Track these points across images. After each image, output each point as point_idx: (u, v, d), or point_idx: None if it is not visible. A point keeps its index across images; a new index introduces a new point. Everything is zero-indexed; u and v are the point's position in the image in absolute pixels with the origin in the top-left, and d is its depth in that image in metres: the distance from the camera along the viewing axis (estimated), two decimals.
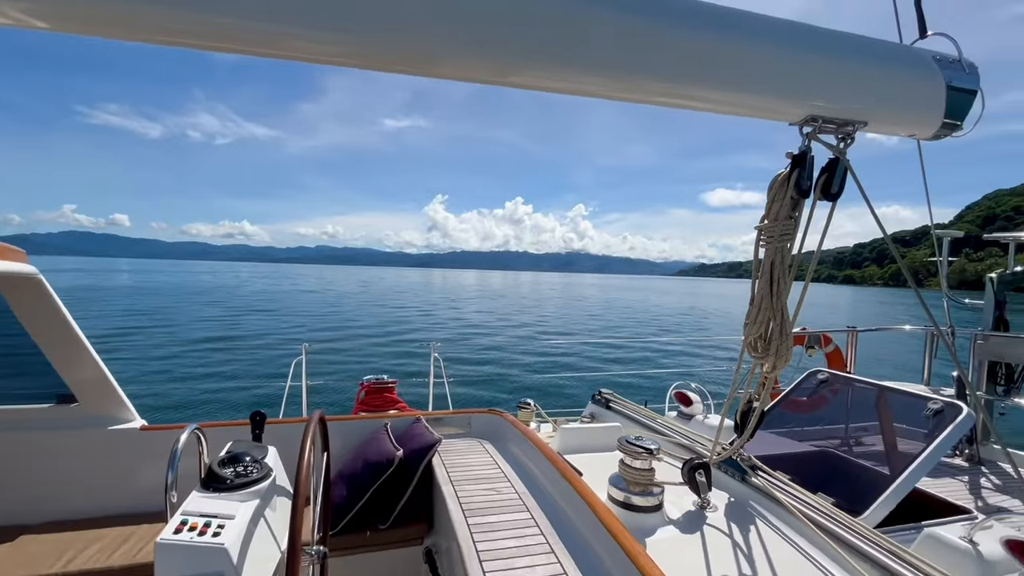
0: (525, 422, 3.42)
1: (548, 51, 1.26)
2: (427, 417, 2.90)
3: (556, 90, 1.42)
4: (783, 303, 1.85)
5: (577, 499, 1.83)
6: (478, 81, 1.35)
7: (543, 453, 2.24)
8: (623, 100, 1.52)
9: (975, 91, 1.78)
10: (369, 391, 3.59)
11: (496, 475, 2.35)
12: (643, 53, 1.36)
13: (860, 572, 1.51)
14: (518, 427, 2.67)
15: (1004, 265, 4.83)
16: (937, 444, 2.30)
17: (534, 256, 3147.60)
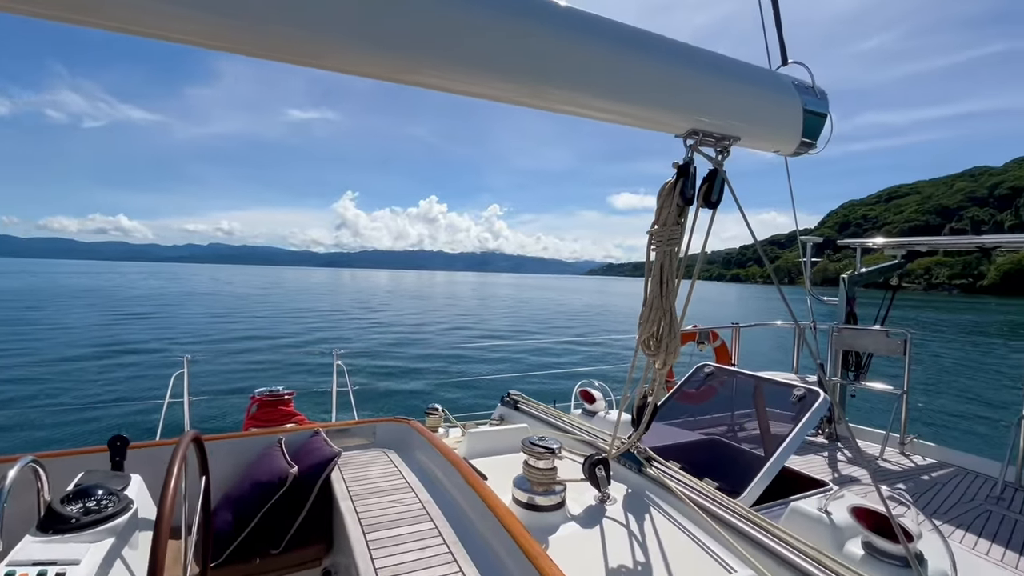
0: (433, 428, 3.35)
1: (440, 50, 1.24)
2: (327, 429, 2.74)
3: (449, 90, 1.40)
4: (672, 303, 1.97)
5: (481, 504, 1.81)
6: (370, 76, 1.30)
7: (448, 459, 2.20)
8: (517, 104, 1.53)
9: (826, 115, 2.02)
10: (262, 405, 3.31)
11: (400, 486, 2.27)
12: (537, 59, 1.37)
13: (738, 548, 1.65)
14: (424, 434, 2.60)
15: (855, 267, 5.60)
16: (799, 427, 2.58)
17: (449, 256, 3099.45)
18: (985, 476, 4.20)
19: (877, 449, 4.74)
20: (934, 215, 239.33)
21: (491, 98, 1.47)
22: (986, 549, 3.01)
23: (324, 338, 22.32)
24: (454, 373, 14.83)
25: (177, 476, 1.20)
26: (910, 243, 5.39)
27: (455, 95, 1.46)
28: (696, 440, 3.02)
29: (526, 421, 3.09)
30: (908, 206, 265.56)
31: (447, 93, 1.45)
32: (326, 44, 1.12)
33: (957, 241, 5.28)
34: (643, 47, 1.57)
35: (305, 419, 3.41)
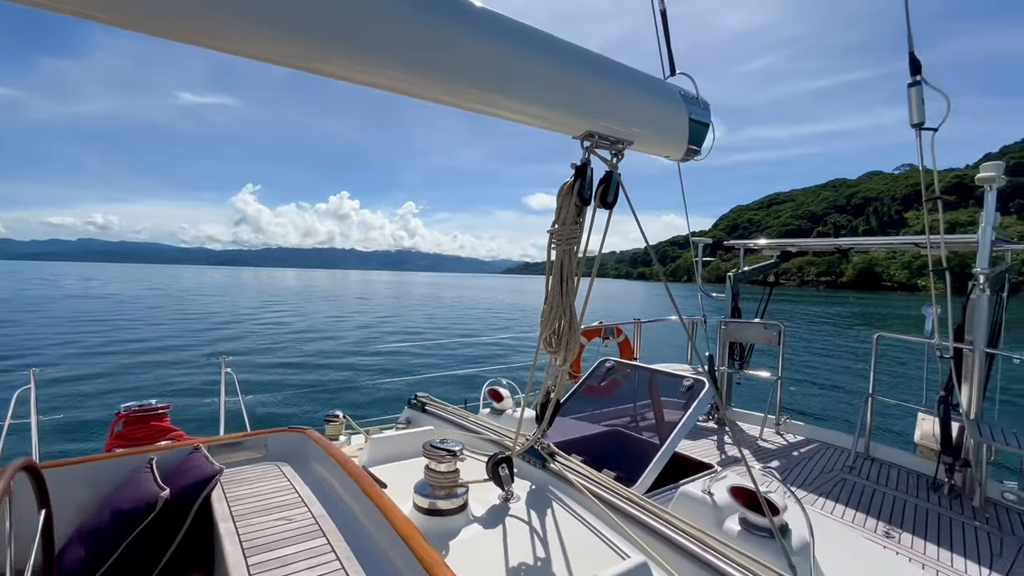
0: (333, 436, 3.17)
1: (338, 38, 1.17)
2: (209, 444, 2.48)
3: (345, 78, 1.34)
4: (571, 301, 2.01)
5: (377, 515, 1.73)
6: (266, 60, 1.21)
7: (345, 469, 2.08)
8: (416, 97, 1.49)
9: (708, 124, 2.17)
10: (129, 422, 2.91)
11: (291, 501, 2.11)
12: (437, 52, 1.35)
13: (631, 535, 1.72)
14: (321, 444, 2.45)
15: (739, 266, 6.17)
16: (688, 416, 2.78)
17: (362, 254, 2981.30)
18: (842, 449, 4.81)
19: (757, 430, 5.26)
20: (805, 220, 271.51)
21: (390, 89, 1.42)
22: (841, 513, 3.45)
23: (216, 344, 20.14)
24: (362, 376, 14.21)
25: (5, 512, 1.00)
26: (782, 244, 6.05)
27: (354, 85, 1.40)
28: (599, 432, 3.14)
29: (433, 423, 3.02)
30: (785, 212, 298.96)
31: (343, 82, 1.38)
32: (213, 20, 1.01)
33: (819, 243, 6.02)
34: (543, 49, 1.59)
35: (184, 435, 3.07)
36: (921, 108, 3.31)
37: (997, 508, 3.70)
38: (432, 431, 2.79)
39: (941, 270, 3.77)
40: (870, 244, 5.97)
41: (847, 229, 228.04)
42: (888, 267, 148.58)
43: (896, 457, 4.53)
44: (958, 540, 3.25)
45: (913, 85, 3.29)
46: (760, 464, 4.36)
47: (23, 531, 1.36)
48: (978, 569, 2.95)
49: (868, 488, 3.93)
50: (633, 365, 3.73)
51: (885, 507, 3.62)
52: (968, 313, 3.98)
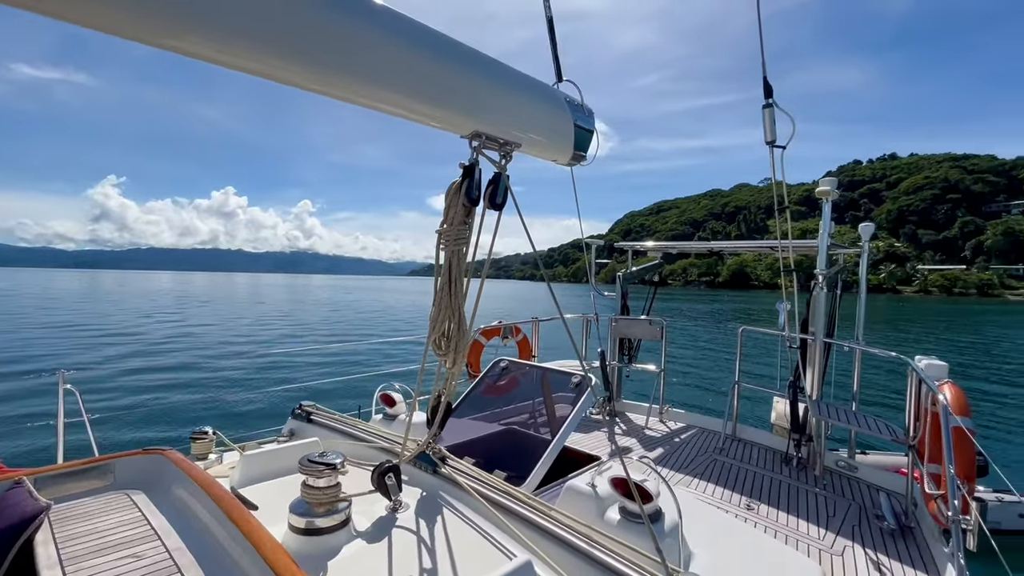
0: (201, 456, 2.84)
1: (206, 16, 1.08)
2: (37, 476, 2.09)
3: (219, 62, 1.24)
4: (460, 303, 1.99)
5: (243, 541, 1.56)
6: (112, 33, 1.06)
7: (207, 492, 1.87)
8: (296, 86, 1.41)
9: (592, 131, 2.27)
10: None
11: (141, 535, 1.84)
12: (318, 41, 1.28)
13: (518, 534, 1.74)
14: (182, 466, 2.17)
15: (628, 267, 6.59)
16: (574, 413, 2.89)
17: (252, 255, 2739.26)
18: (715, 432, 5.33)
19: (644, 420, 5.65)
20: (688, 226, 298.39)
21: (264, 76, 1.33)
22: (712, 492, 3.81)
23: (53, 358, 16.89)
24: (243, 387, 12.86)
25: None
26: (663, 247, 6.58)
27: (225, 69, 1.27)
28: (492, 433, 3.15)
29: (319, 434, 2.83)
30: (671, 218, 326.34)
31: (217, 65, 1.25)
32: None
33: (693, 246, 6.65)
34: (429, 44, 1.56)
35: (3, 467, 2.56)
36: (773, 127, 3.77)
37: (832, 475, 4.33)
38: (316, 443, 2.61)
39: (790, 271, 4.33)
40: (734, 247, 6.70)
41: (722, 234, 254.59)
42: (755, 268, 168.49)
43: (757, 436, 5.13)
44: (803, 506, 3.74)
45: (766, 107, 3.73)
46: (643, 453, 4.69)
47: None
48: (816, 529, 3.42)
49: (735, 466, 4.39)
50: (525, 364, 3.82)
51: (747, 482, 4.07)
52: (811, 308, 4.61)
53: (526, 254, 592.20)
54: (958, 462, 2.78)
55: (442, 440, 2.32)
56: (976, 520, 2.53)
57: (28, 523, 1.77)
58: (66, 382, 3.45)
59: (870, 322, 5.24)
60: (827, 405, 4.42)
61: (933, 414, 3.26)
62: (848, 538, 3.33)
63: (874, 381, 14.24)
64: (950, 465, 2.65)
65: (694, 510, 2.19)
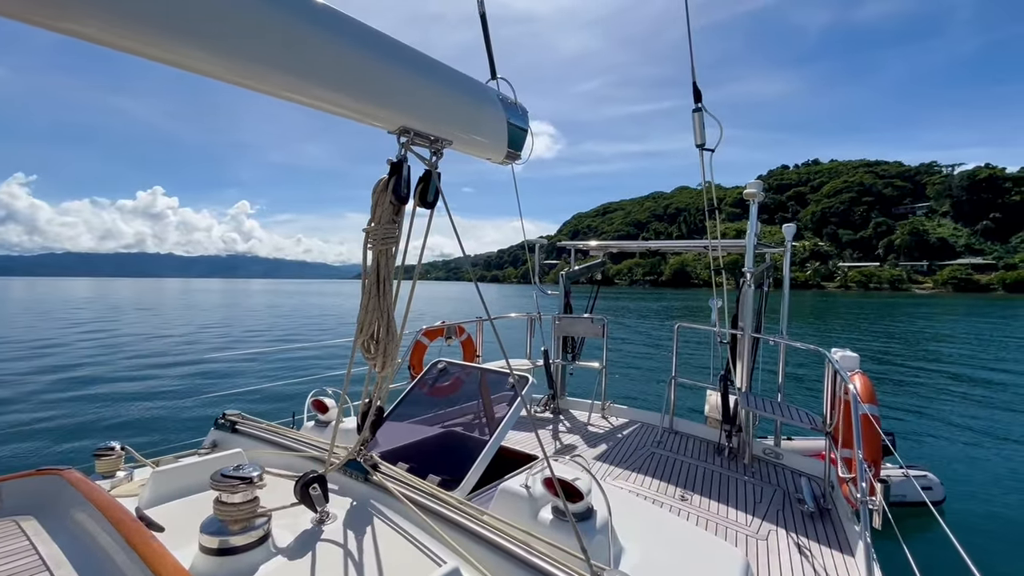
0: (108, 473, 2.60)
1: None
2: None
3: (116, 47, 1.13)
4: (389, 305, 1.92)
5: (145, 568, 1.43)
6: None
7: (107, 516, 1.70)
8: (211, 77, 1.32)
9: (526, 129, 2.27)
10: None
11: (27, 567, 1.66)
12: (242, 32, 1.23)
13: (449, 541, 1.70)
14: (80, 487, 1.97)
15: (570, 266, 6.68)
16: (510, 413, 2.88)
17: (184, 259, 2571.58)
18: (653, 426, 5.50)
19: (587, 416, 5.74)
20: (632, 227, 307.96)
21: (175, 65, 1.23)
22: (648, 484, 3.92)
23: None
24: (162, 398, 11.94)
25: None
26: (605, 246, 6.73)
27: (136, 57, 1.19)
28: (430, 436, 3.09)
29: (244, 444, 2.66)
30: (617, 219, 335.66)
31: (124, 52, 1.15)
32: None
33: (632, 245, 6.84)
34: (351, 34, 1.50)
35: None
36: (702, 131, 3.94)
37: (760, 463, 4.58)
38: (240, 454, 2.46)
39: (720, 269, 4.54)
40: (670, 247, 6.96)
41: (664, 235, 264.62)
42: (695, 267, 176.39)
43: (692, 429, 5.34)
44: (733, 494, 3.93)
45: (696, 111, 3.89)
46: (584, 449, 4.77)
47: None
48: (745, 516, 3.59)
49: (670, 458, 4.55)
50: (465, 365, 3.78)
51: (682, 474, 4.23)
52: (740, 304, 4.86)
53: (476, 255, 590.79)
54: (866, 447, 3.00)
55: (377, 446, 2.25)
56: (880, 501, 2.74)
57: None
58: None
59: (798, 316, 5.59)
60: (755, 396, 4.67)
61: (845, 402, 3.50)
62: (773, 523, 3.52)
63: (798, 372, 15.24)
64: (859, 450, 2.85)
65: (626, 506, 2.23)
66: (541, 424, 5.37)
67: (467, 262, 1.83)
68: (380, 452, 2.28)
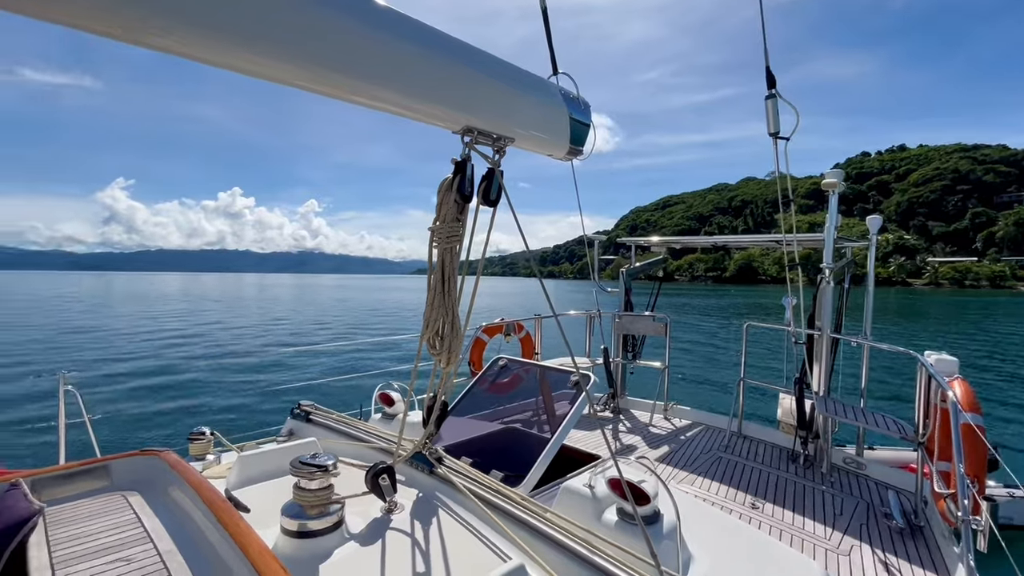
0: (199, 456, 2.84)
1: (191, 13, 1.07)
2: (35, 477, 2.09)
3: (198, 59, 1.21)
4: (454, 301, 1.95)
5: (233, 545, 1.54)
6: (90, 32, 1.04)
7: (199, 494, 1.85)
8: (287, 84, 1.39)
9: (589, 124, 2.22)
10: None
11: (134, 538, 1.83)
12: (308, 39, 1.26)
13: (513, 536, 1.70)
14: (177, 467, 2.16)
15: (631, 262, 6.53)
16: (572, 412, 2.85)
17: (259, 256, 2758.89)
18: (720, 429, 5.27)
19: (648, 417, 5.59)
20: (694, 221, 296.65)
21: (252, 75, 1.30)
22: (716, 490, 3.76)
23: (56, 361, 16.98)
24: (246, 387, 12.86)
25: None
26: (667, 241, 6.50)
27: (217, 68, 1.27)
28: (491, 431, 3.12)
29: (317, 434, 2.81)
30: (677, 213, 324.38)
31: (204, 64, 1.23)
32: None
33: (697, 240, 6.56)
34: (419, 40, 1.53)
35: (2, 470, 2.56)
36: (776, 119, 3.70)
37: (839, 472, 4.27)
38: (314, 443, 2.60)
39: (795, 265, 4.26)
40: (740, 242, 6.61)
41: (729, 229, 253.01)
42: (763, 263, 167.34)
43: (763, 434, 5.06)
44: (809, 504, 3.69)
45: (769, 98, 3.65)
46: (646, 451, 4.64)
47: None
48: (823, 528, 3.36)
49: (739, 464, 4.34)
50: (525, 362, 3.78)
51: (752, 481, 4.02)
52: (817, 303, 4.54)
53: (531, 251, 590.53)
54: (968, 460, 2.72)
55: (440, 440, 2.30)
56: (987, 521, 2.47)
57: (22, 526, 1.76)
58: (67, 383, 3.46)
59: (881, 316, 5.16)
60: (834, 401, 4.36)
61: (943, 411, 3.19)
62: (855, 537, 3.27)
63: (883, 377, 14.07)
64: (960, 464, 2.59)
65: (695, 511, 2.15)
66: (601, 424, 5.29)
67: (531, 260, 1.82)
68: (443, 446, 2.33)
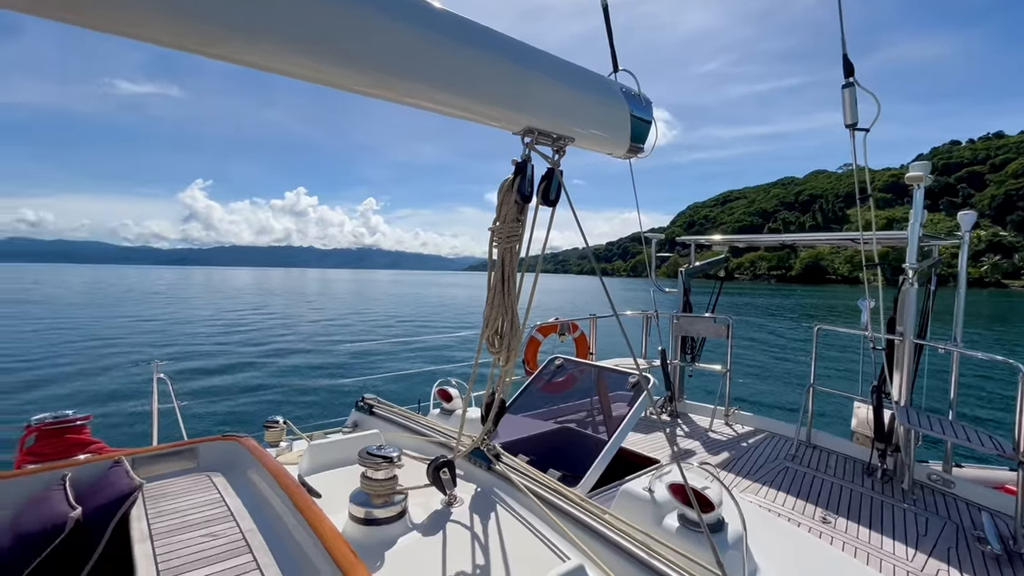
0: (273, 443, 3.03)
1: (254, 24, 1.11)
2: (134, 456, 2.31)
3: (270, 70, 1.27)
4: (513, 301, 1.97)
5: (307, 528, 1.64)
6: (171, 47, 1.12)
7: (276, 479, 1.98)
8: (352, 91, 1.43)
9: (650, 121, 2.17)
10: (42, 435, 2.68)
11: (219, 516, 1.99)
12: (371, 46, 1.30)
13: (571, 536, 1.71)
14: (255, 452, 2.32)
15: (691, 261, 6.32)
16: (632, 413, 2.80)
17: (321, 252, 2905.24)
18: (786, 437, 5.00)
19: (707, 422, 5.40)
20: (757, 216, 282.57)
21: (315, 81, 1.36)
22: (782, 501, 3.57)
23: (149, 348, 18.80)
24: (313, 378, 13.68)
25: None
26: (730, 240, 6.24)
27: (285, 77, 1.32)
28: (547, 431, 3.13)
29: (380, 426, 2.93)
30: (738, 208, 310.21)
31: (270, 72, 1.30)
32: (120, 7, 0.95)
33: (764, 239, 6.24)
34: (480, 43, 1.54)
35: (106, 447, 2.85)
36: (854, 109, 3.44)
37: (923, 490, 3.94)
38: (377, 435, 2.71)
39: (873, 265, 3.96)
40: (811, 240, 6.23)
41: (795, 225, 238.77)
42: (832, 261, 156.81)
43: (835, 444, 4.75)
44: (888, 522, 3.43)
45: (847, 87, 3.41)
46: (707, 457, 4.48)
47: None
48: (905, 549, 3.12)
49: (808, 475, 4.10)
50: (582, 362, 3.75)
51: (823, 493, 3.79)
52: (899, 305, 4.20)
53: (582, 248, 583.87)
54: None
55: (497, 437, 2.33)
56: None
57: (125, 499, 1.96)
58: (159, 371, 3.80)
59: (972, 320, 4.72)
60: (918, 413, 4.02)
61: None
62: (943, 560, 3.01)
63: (974, 387, 12.83)
64: None
65: (761, 521, 2.06)
66: (657, 427, 5.16)
67: (591, 259, 1.81)
68: (500, 443, 2.37)
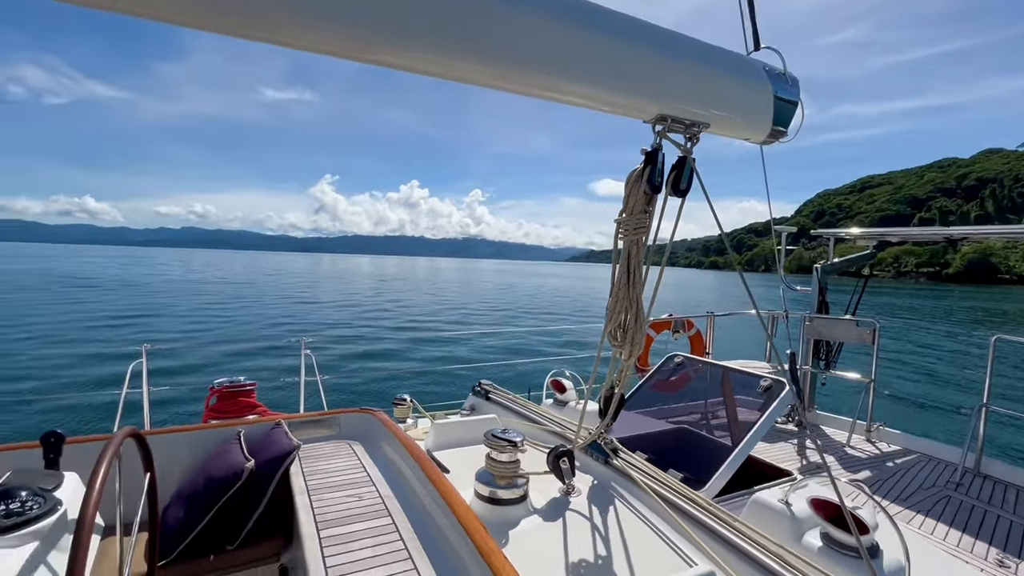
0: (401, 419, 3.29)
1: (399, 28, 1.18)
2: (289, 421, 2.65)
3: (410, 69, 1.35)
4: (639, 294, 1.93)
5: (440, 500, 1.76)
6: (324, 53, 1.24)
7: (410, 452, 2.15)
8: (483, 86, 1.47)
9: (797, 102, 1.98)
10: (222, 396, 3.19)
11: (361, 479, 2.21)
12: (503, 40, 1.32)
13: (699, 541, 1.64)
14: (389, 426, 2.54)
15: (828, 256, 5.67)
16: (764, 419, 2.59)
17: (430, 241, 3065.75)
18: (946, 462, 4.32)
19: (844, 436, 4.84)
20: (904, 205, 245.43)
21: (451, 78, 1.42)
22: (943, 535, 3.10)
23: (295, 326, 21.80)
24: (431, 361, 14.72)
25: (104, 475, 1.11)
26: (882, 234, 5.46)
27: (420, 75, 1.40)
28: (665, 430, 3.02)
29: (496, 411, 3.05)
30: (880, 196, 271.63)
31: (408, 72, 1.39)
32: (277, 16, 1.07)
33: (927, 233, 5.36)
34: (611, 28, 1.51)
35: (267, 410, 3.31)
36: None
37: None
38: (494, 419, 2.82)
39: None
40: (990, 234, 5.24)
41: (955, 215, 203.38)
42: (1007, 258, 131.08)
43: (1014, 476, 4.00)
44: None
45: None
46: (847, 474, 4.02)
47: (132, 491, 1.52)
48: None
49: (979, 508, 3.50)
50: (705, 361, 3.55)
51: (999, 531, 3.21)
52: None
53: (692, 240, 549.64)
54: None
55: (612, 431, 2.30)
56: None
57: (287, 456, 2.26)
58: (305, 347, 4.31)
59: None
60: None
61: None
62: None
63: None
64: None
65: (925, 553, 1.80)
66: (784, 437, 4.74)
67: (730, 252, 1.70)
68: (617, 438, 2.33)
